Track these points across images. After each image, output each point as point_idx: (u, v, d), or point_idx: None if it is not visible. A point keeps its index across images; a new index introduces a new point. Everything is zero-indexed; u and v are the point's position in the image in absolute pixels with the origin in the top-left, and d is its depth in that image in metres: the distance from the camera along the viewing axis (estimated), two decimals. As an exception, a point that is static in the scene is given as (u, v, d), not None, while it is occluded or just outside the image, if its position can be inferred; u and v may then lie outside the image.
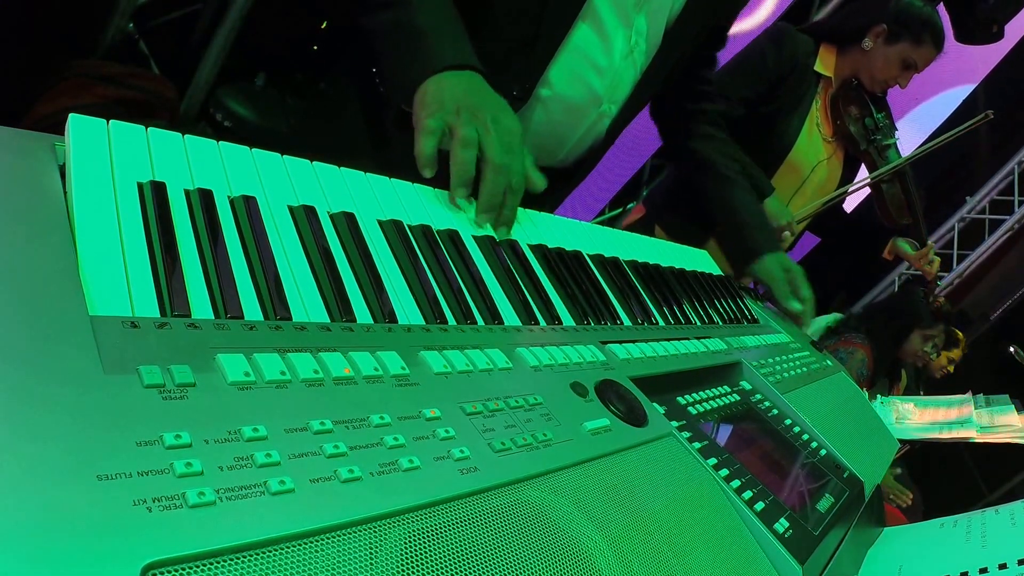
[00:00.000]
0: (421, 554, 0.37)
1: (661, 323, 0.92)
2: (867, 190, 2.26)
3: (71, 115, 0.48)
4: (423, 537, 0.38)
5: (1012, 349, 3.03)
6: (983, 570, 0.68)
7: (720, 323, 1.08)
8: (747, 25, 4.07)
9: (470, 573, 0.38)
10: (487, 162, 0.76)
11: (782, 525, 0.66)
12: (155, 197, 0.48)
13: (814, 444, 0.90)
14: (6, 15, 1.99)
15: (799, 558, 0.63)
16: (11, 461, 0.29)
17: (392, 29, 0.87)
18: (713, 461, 0.67)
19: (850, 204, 2.47)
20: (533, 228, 0.86)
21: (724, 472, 0.67)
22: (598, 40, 1.08)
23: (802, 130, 2.00)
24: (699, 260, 1.27)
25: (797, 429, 0.91)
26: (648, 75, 1.17)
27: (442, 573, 0.37)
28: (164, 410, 0.35)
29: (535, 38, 1.04)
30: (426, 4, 0.87)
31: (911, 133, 4.44)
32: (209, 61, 2.51)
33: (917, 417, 2.24)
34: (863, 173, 2.24)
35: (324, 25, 2.84)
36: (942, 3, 2.35)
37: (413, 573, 0.36)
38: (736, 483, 0.67)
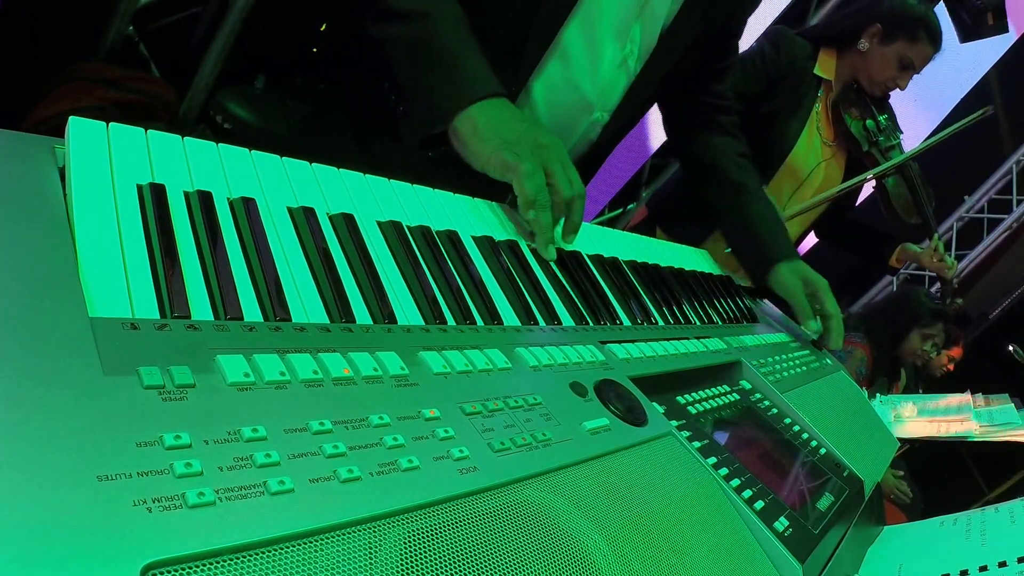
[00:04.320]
0: (420, 554, 0.37)
1: (660, 323, 0.92)
2: (871, 193, 2.25)
3: (71, 118, 0.48)
4: (422, 537, 0.38)
5: (1011, 348, 3.03)
6: (983, 568, 0.68)
7: (719, 322, 1.08)
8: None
9: (469, 573, 0.39)
10: (577, 196, 0.85)
11: (782, 524, 0.66)
12: (155, 199, 0.49)
13: (814, 443, 0.90)
14: (6, 18, 1.99)
15: (799, 557, 0.63)
16: (11, 462, 0.29)
17: (414, 45, 0.86)
18: (713, 460, 0.67)
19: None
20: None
21: (724, 471, 0.67)
22: (588, 47, 1.06)
23: (802, 134, 1.99)
24: (699, 260, 1.27)
25: (797, 428, 0.91)
26: (640, 81, 1.15)
27: (441, 573, 0.37)
28: (164, 411, 0.35)
29: (523, 45, 1.03)
30: (446, 19, 0.87)
31: (917, 126, 4.41)
32: (209, 64, 2.51)
33: (916, 416, 2.24)
34: (865, 177, 2.23)
35: (324, 28, 2.84)
36: (942, 3, 2.35)
37: (412, 573, 0.36)
38: (736, 482, 0.67)
